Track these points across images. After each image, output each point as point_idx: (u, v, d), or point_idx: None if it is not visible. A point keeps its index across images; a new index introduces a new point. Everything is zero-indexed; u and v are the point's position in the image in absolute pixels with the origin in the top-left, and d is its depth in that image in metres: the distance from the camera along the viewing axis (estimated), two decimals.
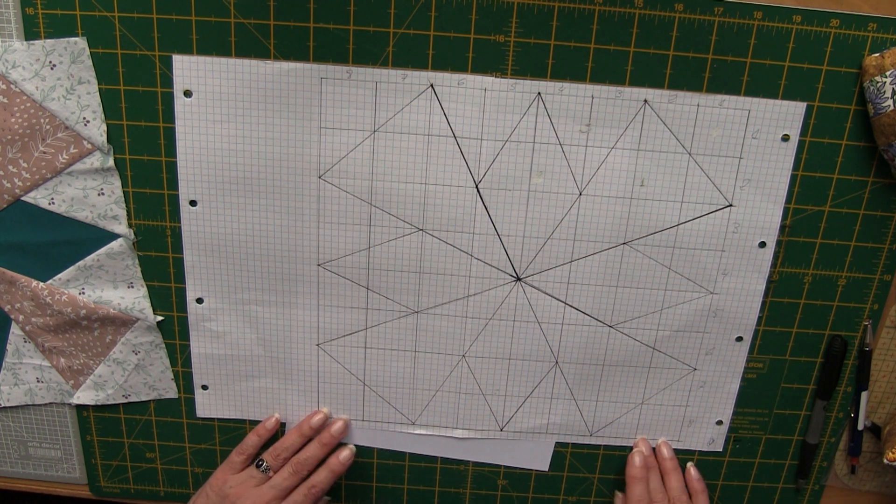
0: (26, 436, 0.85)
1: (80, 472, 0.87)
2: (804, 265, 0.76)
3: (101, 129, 0.71)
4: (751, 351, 0.79)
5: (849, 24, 0.67)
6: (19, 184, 0.72)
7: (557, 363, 0.79)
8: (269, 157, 0.71)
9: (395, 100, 0.70)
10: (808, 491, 0.86)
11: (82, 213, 0.73)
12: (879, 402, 0.82)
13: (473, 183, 0.72)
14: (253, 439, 0.81)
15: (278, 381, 0.81)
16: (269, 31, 0.68)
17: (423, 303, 0.77)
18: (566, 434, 0.83)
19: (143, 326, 0.78)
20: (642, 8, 0.67)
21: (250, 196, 0.73)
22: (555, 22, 0.67)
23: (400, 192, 0.72)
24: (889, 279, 0.77)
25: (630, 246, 0.74)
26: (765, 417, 0.82)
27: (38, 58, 0.68)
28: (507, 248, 0.74)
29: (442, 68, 0.69)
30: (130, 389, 0.82)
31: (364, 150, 0.71)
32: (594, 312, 0.77)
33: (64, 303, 0.76)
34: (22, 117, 0.69)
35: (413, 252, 0.75)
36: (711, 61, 0.68)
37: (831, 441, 0.84)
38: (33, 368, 0.81)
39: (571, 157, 0.71)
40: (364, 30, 0.68)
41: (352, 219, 0.74)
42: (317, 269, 0.76)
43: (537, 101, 0.69)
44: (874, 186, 0.73)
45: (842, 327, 0.79)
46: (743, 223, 0.73)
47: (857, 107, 0.70)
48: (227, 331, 0.79)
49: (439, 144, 0.71)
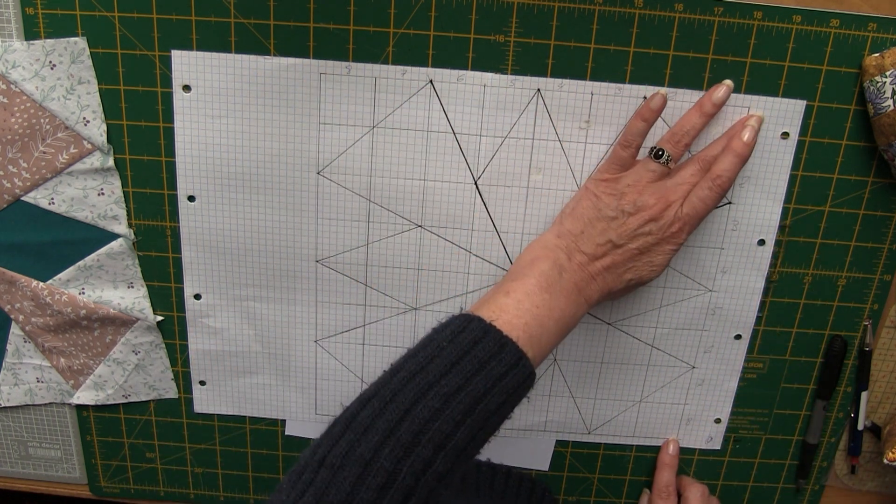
0: (26, 436, 0.85)
1: (80, 472, 0.87)
2: (804, 265, 0.76)
3: (101, 129, 0.71)
4: (750, 351, 0.79)
5: (849, 24, 0.67)
6: (19, 184, 0.72)
7: (556, 360, 0.79)
8: (267, 152, 0.72)
9: (394, 96, 0.70)
10: (808, 491, 0.86)
11: (82, 213, 0.73)
12: (879, 402, 0.82)
13: (472, 179, 0.72)
14: (639, 125, 0.68)
15: (276, 378, 0.81)
16: (269, 31, 0.68)
17: (422, 299, 0.77)
18: (564, 432, 0.83)
19: (143, 326, 0.78)
20: (642, 8, 0.67)
21: (249, 192, 0.73)
22: (555, 22, 0.67)
23: (399, 188, 0.72)
24: (889, 279, 0.77)
25: None
26: (765, 417, 0.82)
27: (38, 58, 0.68)
28: (506, 245, 0.74)
29: (442, 68, 0.69)
30: (130, 389, 0.82)
31: (363, 147, 0.71)
32: (592, 310, 0.76)
33: (64, 303, 0.76)
34: (22, 117, 0.69)
35: (412, 248, 0.75)
36: (711, 61, 0.68)
37: (831, 441, 0.83)
38: (33, 368, 0.81)
39: (571, 153, 0.71)
40: (364, 30, 0.68)
41: (350, 215, 0.74)
42: (315, 265, 0.76)
43: (537, 97, 0.69)
44: (874, 186, 0.73)
45: (842, 327, 0.79)
46: (742, 221, 0.73)
47: (857, 107, 0.70)
48: (225, 327, 0.79)
49: (438, 141, 0.71)
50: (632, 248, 0.67)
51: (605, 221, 0.67)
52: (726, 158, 0.66)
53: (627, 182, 0.67)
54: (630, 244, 0.66)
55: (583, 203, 0.69)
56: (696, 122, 0.68)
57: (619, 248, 0.67)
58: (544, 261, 0.66)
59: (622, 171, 0.68)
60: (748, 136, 0.67)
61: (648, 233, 0.66)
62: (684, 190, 0.67)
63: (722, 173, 0.66)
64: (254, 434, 0.85)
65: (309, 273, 0.76)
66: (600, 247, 0.67)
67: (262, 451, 0.85)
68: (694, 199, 0.66)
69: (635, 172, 0.68)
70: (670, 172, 0.68)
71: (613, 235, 0.66)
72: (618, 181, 0.68)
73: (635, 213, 0.66)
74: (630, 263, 0.67)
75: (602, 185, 0.68)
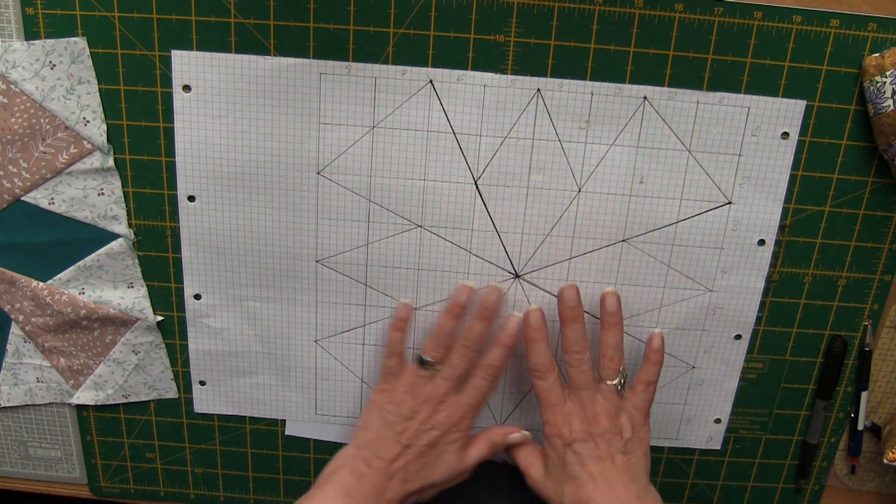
0: (26, 436, 0.85)
1: (80, 472, 0.87)
2: (804, 265, 0.76)
3: (101, 129, 0.71)
4: (750, 351, 0.79)
5: (849, 24, 0.67)
6: (19, 184, 0.72)
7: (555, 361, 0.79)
8: (267, 152, 0.71)
9: (394, 96, 0.70)
10: (808, 491, 0.86)
11: (82, 213, 0.73)
12: (879, 402, 0.82)
13: (472, 179, 0.72)
14: (396, 335, 0.75)
15: (276, 378, 0.81)
16: (269, 31, 0.68)
17: (422, 300, 0.77)
18: None
19: (143, 326, 0.78)
20: (642, 8, 0.67)
21: (249, 192, 0.73)
22: (555, 22, 0.67)
23: (399, 188, 0.72)
24: (889, 279, 0.77)
25: (629, 243, 0.74)
26: (765, 417, 0.82)
27: (38, 58, 0.68)
28: (506, 245, 0.74)
29: (442, 68, 0.69)
30: (130, 389, 0.82)
31: (363, 147, 0.71)
32: (593, 310, 0.76)
33: (64, 303, 0.76)
34: (22, 117, 0.69)
35: (412, 249, 0.75)
36: (711, 61, 0.68)
37: (831, 441, 0.83)
38: (33, 368, 0.81)
39: (571, 153, 0.71)
40: (364, 30, 0.68)
41: (350, 215, 0.74)
42: (315, 265, 0.76)
43: (537, 97, 0.69)
44: (874, 186, 0.73)
45: (842, 327, 0.79)
46: (742, 221, 0.73)
47: (857, 107, 0.70)
48: (225, 327, 0.79)
49: (438, 141, 0.71)
50: (422, 445, 0.73)
51: (391, 427, 0.73)
52: (495, 350, 0.74)
53: (402, 390, 0.74)
54: (419, 441, 0.73)
55: (371, 415, 0.75)
56: (450, 324, 0.73)
57: (411, 448, 0.73)
58: (344, 469, 0.71)
59: (396, 380, 0.75)
60: (512, 326, 0.73)
61: (432, 427, 0.73)
62: (452, 385, 0.73)
63: (492, 362, 0.73)
64: (254, 434, 0.85)
65: (309, 273, 0.76)
66: (393, 449, 0.72)
67: (262, 451, 0.85)
68: (470, 388, 0.74)
69: (407, 380, 0.74)
70: (438, 372, 0.74)
71: (403, 438, 0.73)
72: (393, 390, 0.74)
73: (413, 416, 0.73)
74: (423, 459, 0.73)
75: (383, 396, 0.75)
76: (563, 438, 0.71)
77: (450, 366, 0.73)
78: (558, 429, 0.72)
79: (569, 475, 0.71)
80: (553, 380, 0.73)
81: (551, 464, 0.73)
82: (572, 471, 0.71)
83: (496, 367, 0.73)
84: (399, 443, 0.72)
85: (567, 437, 0.71)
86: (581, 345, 0.72)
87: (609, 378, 0.72)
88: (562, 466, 0.72)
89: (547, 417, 0.73)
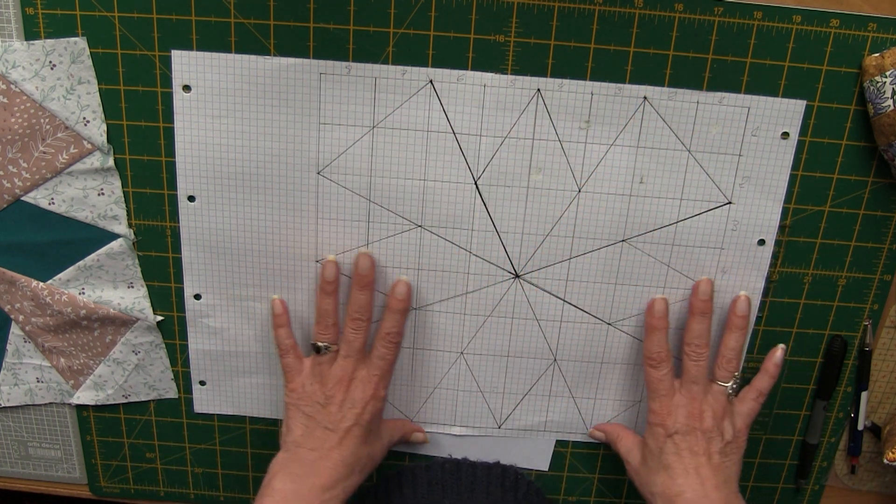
0: (26, 436, 0.85)
1: (80, 472, 0.87)
2: (804, 265, 0.76)
3: (101, 129, 0.71)
4: (750, 351, 0.79)
5: (849, 24, 0.67)
6: (19, 184, 0.72)
7: (556, 360, 0.79)
8: (267, 152, 0.71)
9: (394, 96, 0.70)
10: (808, 491, 0.86)
11: (82, 213, 0.73)
12: (879, 402, 0.82)
13: (472, 179, 0.72)
14: (281, 332, 0.76)
15: (276, 378, 0.81)
16: (269, 31, 0.68)
17: (422, 300, 0.77)
18: (564, 432, 0.83)
19: (143, 326, 0.78)
20: (642, 8, 0.67)
21: (249, 192, 0.73)
22: (555, 22, 0.67)
23: (399, 188, 0.72)
24: (889, 279, 0.77)
25: (629, 243, 0.74)
26: (765, 417, 0.82)
27: (38, 58, 0.68)
28: (506, 245, 0.74)
29: (442, 68, 0.69)
30: (130, 389, 0.82)
31: (363, 147, 0.71)
32: (593, 310, 0.76)
33: (64, 303, 0.76)
34: (22, 117, 0.69)
35: (411, 249, 0.75)
36: (711, 61, 0.68)
37: (831, 441, 0.83)
38: (33, 368, 0.81)
39: (571, 153, 0.71)
40: (364, 30, 0.68)
41: (350, 215, 0.74)
42: (315, 265, 0.76)
43: (537, 97, 0.69)
44: (874, 186, 0.73)
45: (842, 327, 0.79)
46: (742, 221, 0.73)
47: (857, 107, 0.70)
48: (225, 327, 0.79)
49: (438, 141, 0.71)
50: (349, 424, 0.73)
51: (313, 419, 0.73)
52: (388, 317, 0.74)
53: (309, 382, 0.74)
54: (345, 423, 0.73)
55: (291, 416, 0.74)
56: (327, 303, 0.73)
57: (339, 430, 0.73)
58: (278, 476, 0.72)
59: (299, 375, 0.75)
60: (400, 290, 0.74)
61: (352, 406, 0.73)
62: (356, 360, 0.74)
63: (389, 330, 0.74)
64: (254, 434, 0.85)
65: (309, 273, 0.76)
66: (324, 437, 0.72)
67: (262, 451, 0.85)
68: (375, 359, 0.74)
69: (311, 371, 0.75)
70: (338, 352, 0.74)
71: (329, 425, 0.73)
72: (302, 385, 0.75)
73: (329, 401, 0.73)
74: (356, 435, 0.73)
75: (294, 394, 0.75)
76: (666, 428, 0.72)
77: (346, 343, 0.73)
78: (662, 419, 0.73)
79: (663, 464, 0.72)
80: (666, 371, 0.73)
81: (648, 453, 0.74)
82: (668, 460, 0.72)
83: (395, 334, 0.74)
84: (327, 429, 0.72)
85: (670, 428, 0.72)
86: (704, 339, 0.73)
87: (723, 380, 0.73)
88: (658, 456, 0.73)
89: (654, 406, 0.74)
